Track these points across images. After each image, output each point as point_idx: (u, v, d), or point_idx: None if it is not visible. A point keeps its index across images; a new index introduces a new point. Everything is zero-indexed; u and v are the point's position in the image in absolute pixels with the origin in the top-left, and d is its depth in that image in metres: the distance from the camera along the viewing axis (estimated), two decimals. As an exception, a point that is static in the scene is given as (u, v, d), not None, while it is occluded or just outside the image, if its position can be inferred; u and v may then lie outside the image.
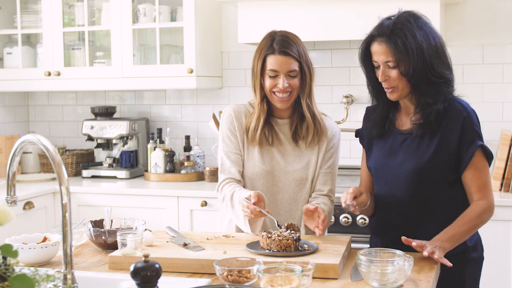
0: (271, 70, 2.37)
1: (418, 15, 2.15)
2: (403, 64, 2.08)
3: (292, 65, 2.37)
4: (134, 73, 3.82)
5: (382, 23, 2.14)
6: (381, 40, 2.11)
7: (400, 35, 2.07)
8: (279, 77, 2.37)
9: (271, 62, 2.37)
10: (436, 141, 2.12)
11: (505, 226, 3.10)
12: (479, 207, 2.12)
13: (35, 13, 4.05)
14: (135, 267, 1.43)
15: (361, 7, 3.37)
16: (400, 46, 2.07)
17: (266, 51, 2.38)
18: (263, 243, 2.04)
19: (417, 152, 2.14)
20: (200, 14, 3.77)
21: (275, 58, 2.36)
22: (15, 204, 1.75)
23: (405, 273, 1.79)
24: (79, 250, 2.24)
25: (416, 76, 2.08)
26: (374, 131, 2.26)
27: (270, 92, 2.39)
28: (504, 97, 3.66)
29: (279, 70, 2.36)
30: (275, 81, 2.37)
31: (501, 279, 3.13)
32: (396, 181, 2.17)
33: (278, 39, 2.39)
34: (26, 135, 1.68)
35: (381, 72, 2.13)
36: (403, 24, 2.09)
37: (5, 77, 4.07)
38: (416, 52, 2.06)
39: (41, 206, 3.61)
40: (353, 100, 3.85)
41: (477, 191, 2.13)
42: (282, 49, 2.36)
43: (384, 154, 2.22)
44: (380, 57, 2.12)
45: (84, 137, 4.23)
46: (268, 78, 2.38)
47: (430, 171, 2.12)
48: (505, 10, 3.64)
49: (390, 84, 2.13)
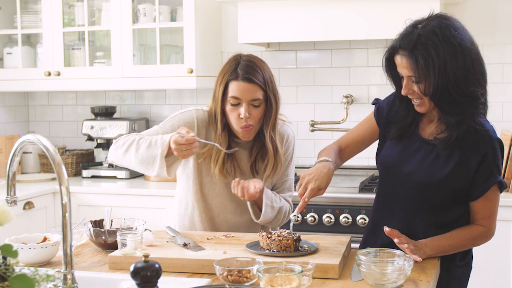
0: (233, 97, 2.22)
1: (449, 22, 1.98)
2: (425, 82, 1.96)
3: (256, 94, 2.22)
4: (134, 73, 3.82)
5: (406, 33, 1.99)
6: (403, 54, 1.97)
7: (422, 50, 1.93)
8: (241, 106, 2.22)
9: (233, 89, 2.22)
10: (454, 161, 2.02)
11: (505, 226, 3.10)
12: (477, 232, 2.08)
13: (35, 13, 4.05)
14: (135, 267, 1.43)
15: (361, 7, 3.37)
16: (421, 63, 1.93)
17: (229, 76, 2.23)
18: (263, 243, 2.04)
19: (431, 167, 2.05)
20: (200, 14, 3.77)
21: (238, 85, 2.21)
22: (15, 204, 1.74)
23: (405, 273, 1.79)
24: (79, 250, 2.24)
25: (438, 95, 1.96)
26: (396, 133, 2.15)
27: (235, 125, 2.26)
28: (504, 97, 3.66)
29: (241, 98, 2.21)
30: (237, 109, 2.23)
31: (501, 279, 3.13)
32: (402, 188, 2.12)
33: (243, 64, 2.24)
34: (26, 135, 1.68)
35: (404, 85, 2.02)
36: (427, 37, 1.94)
37: (5, 77, 4.07)
38: (438, 70, 1.92)
39: (41, 206, 3.61)
40: (353, 100, 3.85)
41: (482, 219, 2.09)
42: (246, 75, 2.21)
43: (397, 156, 2.14)
44: (403, 70, 2.00)
45: (84, 137, 4.23)
46: (230, 105, 2.24)
47: (441, 190, 2.05)
48: (505, 10, 3.64)
49: (415, 97, 2.03)
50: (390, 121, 2.20)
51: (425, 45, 1.93)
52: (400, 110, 2.16)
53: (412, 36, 1.96)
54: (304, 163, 3.91)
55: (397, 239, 1.97)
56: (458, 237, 2.06)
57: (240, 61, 2.26)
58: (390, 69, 2.08)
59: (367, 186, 3.41)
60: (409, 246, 1.95)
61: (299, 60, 3.97)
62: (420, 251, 1.98)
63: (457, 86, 1.95)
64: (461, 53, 1.95)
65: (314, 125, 3.85)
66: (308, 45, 3.93)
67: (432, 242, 2.03)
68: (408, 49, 1.96)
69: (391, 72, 2.09)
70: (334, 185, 3.44)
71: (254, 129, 2.28)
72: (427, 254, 2.00)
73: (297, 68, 3.97)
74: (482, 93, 2.00)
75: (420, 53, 1.93)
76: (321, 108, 3.94)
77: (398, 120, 2.16)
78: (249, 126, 2.25)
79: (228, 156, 2.31)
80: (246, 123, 2.23)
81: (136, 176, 4.04)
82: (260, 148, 2.34)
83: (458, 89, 1.95)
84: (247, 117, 2.22)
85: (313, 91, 3.95)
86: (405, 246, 1.95)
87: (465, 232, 2.07)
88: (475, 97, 1.98)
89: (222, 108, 2.28)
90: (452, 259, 2.11)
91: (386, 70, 2.10)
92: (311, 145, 3.94)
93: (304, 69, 3.96)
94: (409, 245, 1.96)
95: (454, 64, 1.93)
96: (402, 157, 2.13)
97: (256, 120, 2.25)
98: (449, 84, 1.94)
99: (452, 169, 2.03)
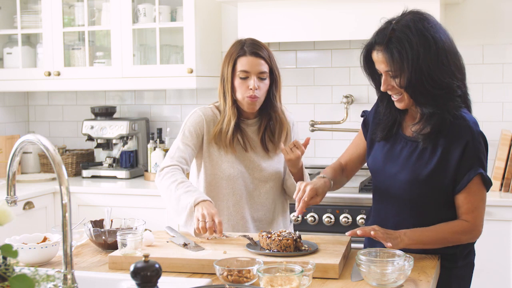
0: (242, 71, 2.42)
1: (422, 16, 2.02)
2: (401, 75, 1.98)
3: (263, 67, 2.43)
4: (134, 73, 3.82)
5: (381, 29, 2.03)
6: (379, 49, 2.01)
7: (397, 44, 1.96)
8: (250, 79, 2.41)
9: (243, 63, 2.42)
10: (437, 157, 2.03)
11: (505, 226, 3.10)
12: (460, 226, 2.04)
13: (35, 13, 4.05)
14: (135, 267, 1.43)
15: (361, 7, 3.37)
16: (396, 56, 1.96)
17: (237, 54, 2.44)
18: (263, 243, 2.04)
19: (415, 165, 2.06)
20: (200, 14, 3.77)
21: (247, 59, 2.42)
22: (15, 204, 1.75)
23: (405, 273, 1.79)
24: (79, 250, 2.24)
25: (412, 87, 1.98)
26: (380, 134, 2.18)
27: (242, 96, 2.43)
28: (504, 97, 3.66)
29: (250, 70, 2.41)
30: (245, 82, 2.42)
31: (501, 279, 3.13)
32: (390, 188, 2.13)
33: (248, 42, 2.46)
34: (26, 135, 1.68)
35: (383, 81, 2.04)
36: (401, 31, 1.97)
37: (5, 77, 4.07)
38: (412, 62, 1.95)
39: (41, 206, 3.61)
40: (353, 100, 3.85)
41: (465, 213, 2.04)
42: (253, 50, 2.43)
43: (383, 157, 2.16)
44: (381, 66, 2.03)
45: (84, 137, 4.23)
46: (239, 79, 2.42)
47: (426, 187, 2.05)
48: (505, 10, 3.64)
49: (394, 92, 2.05)
50: (376, 124, 2.22)
51: (399, 39, 1.97)
52: (381, 110, 2.19)
53: (387, 31, 2.00)
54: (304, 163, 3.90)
55: (359, 231, 1.97)
56: (440, 230, 2.03)
57: (244, 42, 2.47)
58: (369, 67, 2.11)
59: (367, 186, 3.41)
60: (377, 233, 1.95)
61: (299, 60, 3.97)
62: (396, 239, 1.97)
63: (430, 78, 1.97)
64: (434, 45, 1.97)
65: (314, 125, 3.85)
66: (308, 45, 3.93)
67: (412, 232, 2.01)
68: (383, 43, 1.99)
69: (369, 70, 2.12)
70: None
71: (259, 101, 2.46)
72: (405, 243, 1.98)
73: (297, 68, 3.97)
74: (459, 85, 2.02)
75: (395, 47, 1.97)
76: (321, 108, 3.94)
77: (381, 120, 2.19)
78: (256, 97, 2.42)
79: (236, 129, 2.48)
80: (253, 93, 2.40)
81: (136, 176, 4.04)
82: (268, 123, 2.52)
83: (432, 81, 1.97)
84: (255, 88, 2.40)
85: (313, 91, 3.95)
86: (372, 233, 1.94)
87: (448, 225, 2.04)
88: (450, 89, 1.99)
89: (232, 85, 2.45)
90: (454, 259, 2.10)
91: (365, 68, 2.12)
92: (311, 145, 3.94)
93: (304, 69, 3.96)
94: (376, 233, 1.95)
95: (427, 56, 1.96)
96: (388, 158, 2.15)
97: (262, 93, 2.44)
98: (423, 76, 1.96)
99: (435, 165, 2.03)
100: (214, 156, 2.49)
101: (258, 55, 2.43)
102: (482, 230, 2.07)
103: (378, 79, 2.11)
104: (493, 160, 3.51)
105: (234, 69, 2.43)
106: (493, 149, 3.62)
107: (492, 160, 3.58)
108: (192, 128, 2.49)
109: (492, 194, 3.23)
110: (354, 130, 3.78)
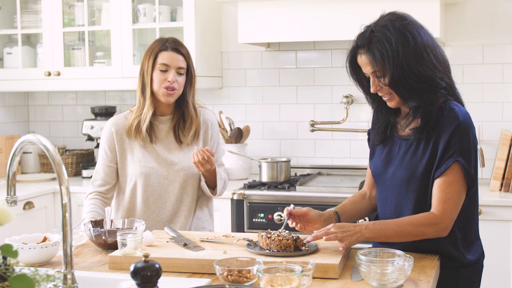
0: (162, 64, 2.56)
1: (399, 16, 2.07)
2: (385, 74, 2.02)
3: (181, 63, 2.59)
4: (134, 73, 3.81)
5: (362, 33, 2.08)
6: (362, 52, 2.06)
7: (377, 44, 2.01)
8: (169, 72, 2.57)
9: (163, 57, 2.57)
10: (429, 150, 2.04)
11: (505, 226, 3.10)
12: (425, 218, 1.98)
13: (35, 13, 4.05)
14: (135, 267, 1.43)
15: (361, 7, 3.37)
16: (378, 56, 2.01)
17: (159, 49, 2.59)
18: (263, 243, 2.04)
19: (411, 161, 2.07)
20: (200, 14, 3.77)
21: (168, 54, 2.57)
22: (15, 204, 1.75)
23: (405, 273, 1.79)
24: (79, 250, 2.24)
25: (396, 84, 2.01)
26: (377, 138, 2.21)
27: (159, 86, 2.56)
28: (504, 97, 3.66)
29: (170, 64, 2.57)
30: (164, 75, 2.56)
31: (501, 279, 3.13)
32: (391, 189, 2.13)
33: (170, 40, 2.62)
34: (26, 135, 1.68)
35: (371, 83, 2.07)
36: (380, 31, 2.02)
37: (5, 77, 4.07)
38: (392, 59, 1.99)
39: (41, 206, 3.61)
40: (353, 100, 3.85)
41: (436, 203, 1.99)
42: (174, 46, 2.59)
43: (382, 161, 2.18)
44: (366, 68, 2.06)
45: (84, 137, 4.23)
46: (158, 72, 2.57)
47: (422, 181, 2.04)
48: (505, 10, 3.64)
49: (384, 92, 2.08)
50: (373, 130, 2.26)
51: (379, 39, 2.02)
52: (374, 114, 2.23)
53: (366, 33, 2.06)
54: (304, 163, 3.92)
55: (310, 238, 2.00)
56: (404, 223, 2.00)
57: (167, 39, 2.63)
58: (356, 73, 2.15)
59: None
60: (330, 238, 1.95)
61: (299, 60, 3.97)
62: (355, 235, 1.97)
63: (412, 73, 2.00)
64: (412, 40, 2.01)
65: (314, 125, 3.85)
66: (308, 45, 3.93)
67: (374, 225, 2.01)
68: (365, 46, 2.04)
69: (356, 76, 2.16)
70: (334, 185, 3.46)
71: (176, 94, 2.59)
72: (365, 237, 1.98)
73: (297, 68, 3.97)
74: (441, 77, 2.03)
75: (376, 47, 2.02)
76: (321, 108, 3.94)
77: (374, 124, 2.23)
78: (174, 89, 2.57)
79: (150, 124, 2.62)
80: (172, 85, 2.56)
81: (136, 176, 4.03)
82: (179, 119, 2.65)
83: (413, 75, 2.00)
84: (173, 81, 2.56)
85: (313, 91, 3.95)
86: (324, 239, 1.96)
87: (413, 218, 2.00)
88: (433, 81, 2.02)
89: (151, 78, 2.59)
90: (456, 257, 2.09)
91: (351, 74, 2.16)
92: (311, 145, 3.94)
93: (304, 69, 3.96)
94: (328, 237, 1.96)
95: (406, 51, 2.00)
96: (386, 161, 2.16)
97: (178, 86, 2.59)
98: (404, 72, 2.00)
99: (429, 158, 2.04)
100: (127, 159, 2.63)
101: (178, 51, 2.59)
102: (450, 226, 1.99)
103: (366, 84, 2.15)
104: (493, 160, 3.51)
105: (155, 63, 2.58)
106: (493, 149, 3.62)
107: (492, 160, 3.58)
108: (106, 146, 2.65)
109: (492, 194, 3.23)
110: (354, 130, 3.78)
